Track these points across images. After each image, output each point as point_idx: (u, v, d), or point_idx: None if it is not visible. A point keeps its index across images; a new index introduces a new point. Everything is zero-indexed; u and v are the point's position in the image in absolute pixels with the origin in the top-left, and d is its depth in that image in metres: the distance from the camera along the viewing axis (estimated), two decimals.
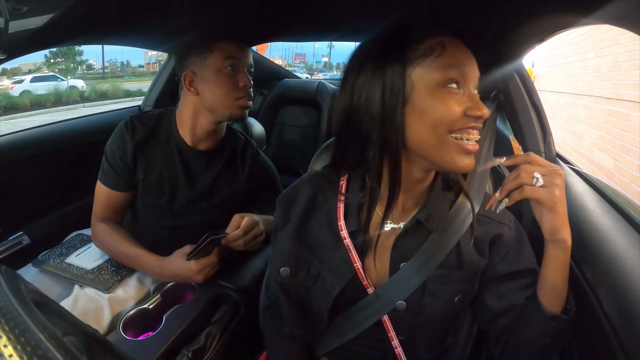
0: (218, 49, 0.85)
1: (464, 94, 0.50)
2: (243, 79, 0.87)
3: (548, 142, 0.88)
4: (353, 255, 0.58)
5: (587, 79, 3.78)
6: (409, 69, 0.49)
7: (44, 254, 0.95)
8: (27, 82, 13.04)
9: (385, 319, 0.59)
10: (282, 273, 0.61)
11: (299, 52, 34.48)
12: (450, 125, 0.49)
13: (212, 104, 0.87)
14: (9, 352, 0.22)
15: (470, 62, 0.51)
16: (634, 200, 0.70)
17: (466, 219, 0.58)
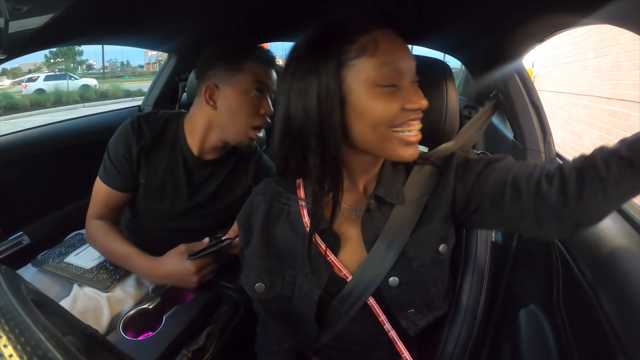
0: (248, 70, 0.81)
1: (401, 87, 0.50)
2: (265, 106, 0.83)
3: (548, 142, 0.88)
4: (324, 251, 0.58)
5: (587, 79, 3.78)
6: (343, 71, 0.49)
7: (43, 254, 0.95)
8: (41, 81, 13.23)
9: (373, 304, 0.58)
10: (258, 289, 0.60)
11: None
12: (390, 122, 0.51)
13: (227, 125, 0.84)
14: (9, 352, 0.22)
15: (404, 54, 0.51)
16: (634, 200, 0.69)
17: (426, 184, 0.60)
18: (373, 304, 0.58)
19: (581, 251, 0.62)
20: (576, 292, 0.60)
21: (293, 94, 0.52)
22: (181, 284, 0.81)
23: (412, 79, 0.52)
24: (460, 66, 1.23)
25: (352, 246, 0.60)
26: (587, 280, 0.58)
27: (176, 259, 0.80)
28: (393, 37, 0.51)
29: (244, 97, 0.81)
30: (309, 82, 0.50)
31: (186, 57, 1.40)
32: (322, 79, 0.49)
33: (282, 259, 0.61)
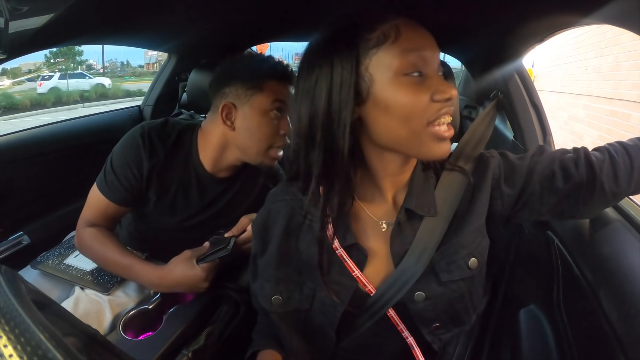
0: (268, 89, 0.77)
1: (427, 76, 0.47)
2: (284, 126, 0.79)
3: (548, 142, 0.88)
4: (350, 266, 0.54)
5: (587, 79, 3.78)
6: (365, 62, 0.46)
7: (42, 255, 0.95)
8: (56, 79, 13.38)
9: (393, 315, 0.55)
10: (275, 302, 0.57)
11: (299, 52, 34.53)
12: (422, 115, 0.47)
13: (246, 146, 0.80)
14: (9, 352, 0.22)
15: (429, 42, 0.48)
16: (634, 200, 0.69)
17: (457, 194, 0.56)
18: (393, 316, 0.55)
19: (581, 251, 0.62)
20: (576, 292, 0.59)
21: (303, 92, 0.49)
22: (191, 290, 0.78)
23: (438, 69, 0.49)
24: (460, 66, 1.23)
25: (380, 261, 0.56)
26: (587, 280, 0.57)
27: (185, 266, 0.75)
28: (415, 24, 0.48)
29: (264, 118, 0.77)
30: (320, 76, 0.47)
31: (186, 57, 1.40)
32: (336, 71, 0.46)
33: (302, 271, 0.57)
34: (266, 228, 0.60)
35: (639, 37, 0.44)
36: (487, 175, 0.56)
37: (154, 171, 0.81)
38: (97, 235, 0.82)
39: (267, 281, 0.58)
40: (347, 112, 0.47)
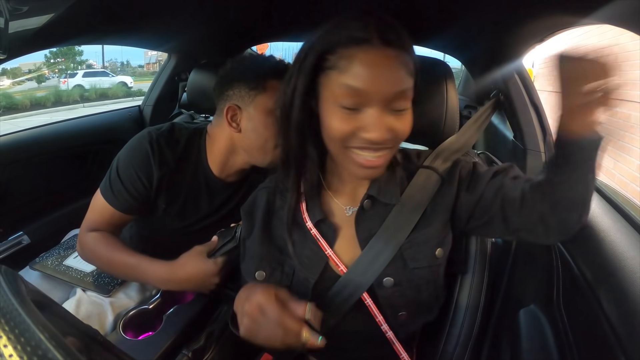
0: (271, 88, 0.75)
1: (363, 113, 0.49)
2: None
3: (548, 142, 0.88)
4: (322, 243, 0.59)
5: None
6: (320, 76, 0.51)
7: (41, 256, 0.94)
8: (80, 77, 13.94)
9: (370, 303, 0.58)
10: (258, 277, 0.61)
11: None
12: (341, 141, 0.51)
13: (253, 147, 0.79)
14: (9, 352, 0.22)
15: (379, 80, 0.47)
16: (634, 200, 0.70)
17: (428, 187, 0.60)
18: (370, 304, 0.58)
19: (581, 251, 0.62)
20: (576, 292, 0.60)
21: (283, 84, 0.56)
22: (201, 287, 0.75)
23: (385, 106, 0.48)
24: (460, 66, 1.23)
25: (347, 243, 0.60)
26: (587, 280, 0.57)
27: (197, 260, 0.73)
28: (375, 58, 0.47)
29: (269, 118, 0.74)
30: (290, 74, 0.54)
31: (186, 57, 1.40)
32: (299, 74, 0.52)
33: (283, 250, 0.62)
34: (251, 211, 0.66)
35: (639, 37, 0.44)
36: (454, 176, 0.60)
37: (163, 180, 0.79)
38: (100, 238, 0.80)
39: (252, 258, 0.63)
40: (296, 111, 0.53)
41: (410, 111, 0.52)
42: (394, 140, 0.51)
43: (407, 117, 0.51)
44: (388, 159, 0.54)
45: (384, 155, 0.52)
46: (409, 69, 0.49)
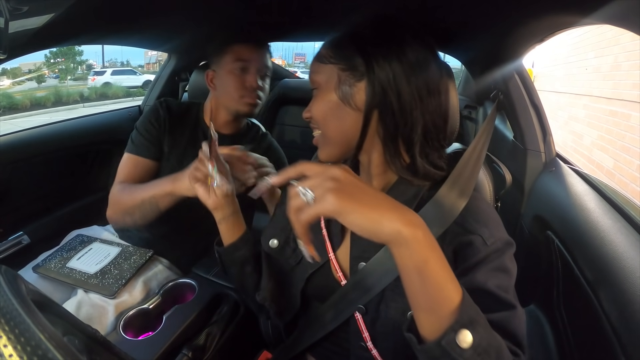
0: (231, 51, 0.93)
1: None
2: (249, 80, 0.94)
3: (548, 142, 0.88)
4: (328, 245, 0.59)
5: (587, 79, 3.78)
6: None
7: (44, 259, 0.93)
8: (108, 75, 14.80)
9: (358, 317, 0.56)
10: (271, 244, 0.64)
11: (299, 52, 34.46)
12: None
13: (224, 99, 0.98)
14: (9, 352, 0.22)
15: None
16: (634, 200, 0.70)
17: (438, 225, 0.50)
18: (358, 318, 0.56)
19: (581, 251, 0.62)
20: (576, 292, 0.60)
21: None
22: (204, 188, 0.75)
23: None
24: (460, 66, 1.23)
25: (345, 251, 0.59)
26: (587, 280, 0.57)
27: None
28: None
29: (230, 76, 0.94)
30: None
31: (186, 57, 1.40)
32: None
33: None
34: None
35: (639, 37, 0.44)
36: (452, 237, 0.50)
37: (167, 123, 0.98)
38: (125, 186, 0.92)
39: (274, 225, 0.66)
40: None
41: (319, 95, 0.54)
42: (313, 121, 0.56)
43: (315, 99, 0.55)
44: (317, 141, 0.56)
45: (315, 138, 0.57)
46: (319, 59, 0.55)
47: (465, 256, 0.49)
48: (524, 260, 0.87)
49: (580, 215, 0.67)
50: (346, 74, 0.52)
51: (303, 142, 1.83)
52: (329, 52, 0.54)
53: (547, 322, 0.71)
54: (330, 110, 0.53)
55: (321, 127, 0.55)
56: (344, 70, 0.52)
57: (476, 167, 0.60)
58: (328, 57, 0.54)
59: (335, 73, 0.53)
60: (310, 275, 0.60)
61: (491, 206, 0.60)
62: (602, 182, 0.79)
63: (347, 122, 0.53)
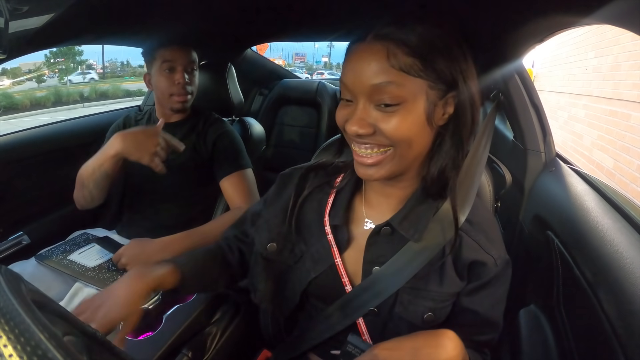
0: (158, 56, 1.06)
1: (354, 105, 0.50)
2: (177, 78, 1.07)
3: (548, 142, 0.88)
4: (334, 250, 0.58)
5: (587, 79, 3.78)
6: None
7: (47, 250, 0.96)
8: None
9: (360, 321, 0.57)
10: (270, 248, 0.62)
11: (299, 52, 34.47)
12: (342, 130, 0.53)
13: (159, 99, 1.12)
14: (9, 352, 0.22)
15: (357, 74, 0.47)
16: (634, 200, 0.70)
17: (448, 231, 0.54)
18: (360, 322, 0.57)
19: (581, 251, 0.62)
20: (576, 292, 0.60)
21: None
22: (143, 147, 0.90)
23: (368, 101, 0.48)
24: None
25: (356, 255, 0.58)
26: (587, 280, 0.57)
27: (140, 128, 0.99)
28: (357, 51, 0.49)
29: (160, 76, 1.07)
30: None
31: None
32: None
33: (301, 232, 0.62)
34: (287, 184, 0.66)
35: (639, 37, 0.44)
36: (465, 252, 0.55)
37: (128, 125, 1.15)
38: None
39: (270, 229, 0.63)
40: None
41: (402, 114, 0.47)
42: (381, 138, 0.48)
43: (396, 117, 0.47)
44: (381, 160, 0.50)
45: (376, 156, 0.50)
46: (398, 64, 0.46)
47: (478, 275, 0.55)
48: (524, 260, 0.86)
49: (580, 215, 0.67)
50: (434, 91, 0.48)
51: (302, 142, 1.83)
52: (417, 63, 0.46)
53: (547, 322, 0.71)
54: (416, 129, 0.48)
55: (398, 146, 0.49)
56: (431, 88, 0.48)
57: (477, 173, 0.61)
58: (417, 69, 0.47)
59: (424, 89, 0.47)
60: (314, 279, 0.59)
61: (490, 213, 0.61)
62: (602, 182, 0.79)
63: (425, 140, 0.51)
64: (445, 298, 0.55)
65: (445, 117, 0.50)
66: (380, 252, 0.56)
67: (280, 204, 0.64)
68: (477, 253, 0.55)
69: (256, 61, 1.80)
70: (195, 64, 1.12)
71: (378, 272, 0.55)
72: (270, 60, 2.09)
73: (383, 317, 0.56)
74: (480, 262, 0.54)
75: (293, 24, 1.05)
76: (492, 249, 0.55)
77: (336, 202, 0.60)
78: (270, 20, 0.99)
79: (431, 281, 0.54)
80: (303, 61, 33.08)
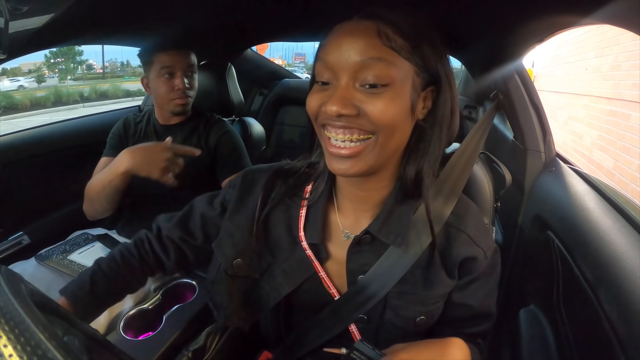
0: (156, 60, 1.04)
1: (333, 87, 0.45)
2: (176, 83, 1.05)
3: (548, 142, 0.88)
4: (316, 264, 0.55)
5: (587, 79, 3.77)
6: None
7: (47, 250, 0.97)
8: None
9: (353, 328, 0.57)
10: (236, 264, 0.58)
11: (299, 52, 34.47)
12: (314, 119, 0.48)
13: (158, 102, 1.11)
14: (9, 352, 0.22)
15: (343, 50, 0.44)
16: (634, 200, 0.70)
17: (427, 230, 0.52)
18: (353, 328, 0.57)
19: (581, 251, 0.62)
20: (576, 292, 0.60)
21: None
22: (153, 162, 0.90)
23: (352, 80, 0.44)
24: (460, 66, 1.23)
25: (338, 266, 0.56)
26: (587, 280, 0.57)
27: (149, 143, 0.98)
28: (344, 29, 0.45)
29: (158, 81, 1.05)
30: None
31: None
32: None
33: (267, 244, 0.58)
34: (251, 187, 0.60)
35: (639, 37, 0.44)
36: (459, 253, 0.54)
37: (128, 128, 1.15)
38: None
39: (235, 244, 0.58)
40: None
41: (390, 96, 0.44)
42: (364, 122, 0.44)
43: (382, 99, 0.43)
44: (359, 151, 0.45)
45: (355, 146, 0.45)
46: (389, 43, 0.43)
47: (470, 269, 0.54)
48: (523, 260, 0.87)
49: (580, 215, 0.67)
50: (419, 79, 0.46)
51: (302, 142, 1.83)
52: (407, 45, 0.44)
53: (547, 322, 0.71)
54: (402, 116, 0.45)
55: (381, 134, 0.45)
56: (417, 75, 0.46)
57: (466, 167, 0.61)
58: (407, 51, 0.44)
59: (410, 73, 0.45)
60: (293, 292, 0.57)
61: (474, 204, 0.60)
62: (602, 182, 0.79)
63: (406, 132, 0.48)
64: (435, 300, 0.54)
65: (424, 111, 0.49)
66: (362, 260, 0.54)
67: (244, 214, 0.59)
68: (468, 247, 0.53)
69: (256, 61, 1.80)
70: (194, 67, 1.11)
71: (363, 280, 0.54)
72: (270, 60, 2.09)
73: (374, 324, 0.55)
74: (471, 258, 0.53)
75: (293, 24, 1.05)
76: (482, 241, 0.54)
77: (309, 216, 0.56)
78: (270, 20, 0.99)
79: (419, 284, 0.53)
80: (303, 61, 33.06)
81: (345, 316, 0.56)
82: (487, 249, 0.54)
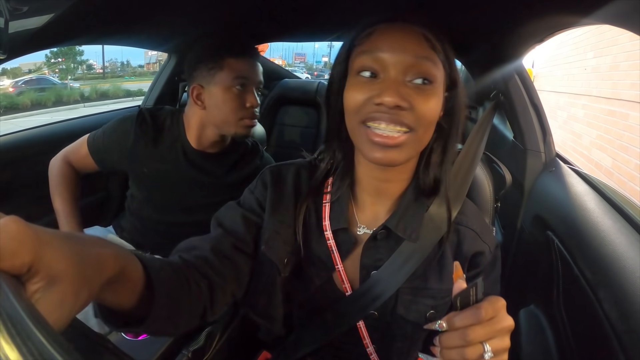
0: (228, 67, 0.83)
1: (382, 80, 0.47)
2: (251, 100, 0.86)
3: (548, 142, 0.88)
4: (335, 257, 0.55)
5: (586, 79, 3.78)
6: (350, 58, 0.51)
7: None
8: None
9: (361, 325, 0.57)
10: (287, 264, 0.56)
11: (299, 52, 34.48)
12: (356, 113, 0.48)
13: (217, 122, 0.87)
14: (9, 352, 0.22)
15: (396, 47, 0.46)
16: (634, 200, 0.70)
17: (441, 226, 0.55)
18: (360, 325, 0.57)
19: (581, 251, 0.62)
20: (576, 292, 0.60)
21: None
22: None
23: (402, 75, 0.46)
24: (460, 66, 1.23)
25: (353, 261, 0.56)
26: (587, 280, 0.58)
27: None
28: (393, 28, 0.48)
29: (228, 94, 0.84)
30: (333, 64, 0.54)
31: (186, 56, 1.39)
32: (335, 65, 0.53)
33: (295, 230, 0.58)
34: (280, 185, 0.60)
35: (638, 37, 0.44)
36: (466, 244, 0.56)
37: (139, 145, 0.90)
38: (62, 172, 0.97)
39: (284, 242, 0.56)
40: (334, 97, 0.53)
41: (435, 94, 0.47)
42: (410, 117, 0.46)
43: (430, 96, 0.47)
44: (404, 142, 0.47)
45: (400, 136, 0.46)
46: (433, 47, 0.47)
47: (477, 263, 0.57)
48: (523, 260, 0.87)
49: (580, 215, 0.67)
50: (444, 84, 0.50)
51: (303, 142, 1.83)
52: (441, 49, 0.48)
53: (547, 322, 0.71)
54: (437, 113, 0.49)
55: (420, 129, 0.47)
56: (445, 79, 0.49)
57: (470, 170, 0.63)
58: (442, 56, 0.48)
59: (443, 75, 0.49)
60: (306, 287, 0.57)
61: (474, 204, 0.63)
62: (602, 182, 0.79)
63: (433, 130, 0.51)
64: (445, 294, 0.55)
65: (441, 114, 0.52)
66: (377, 255, 0.55)
67: (283, 210, 0.58)
68: (476, 243, 0.56)
69: None
70: (262, 84, 0.91)
71: (376, 275, 0.55)
72: (270, 60, 2.09)
73: (385, 320, 0.56)
74: (479, 253, 0.56)
75: (293, 24, 1.05)
76: (487, 237, 0.58)
77: (334, 207, 0.57)
78: (270, 20, 0.99)
79: (430, 278, 0.55)
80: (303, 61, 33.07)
81: (354, 313, 0.56)
82: (491, 244, 0.57)
